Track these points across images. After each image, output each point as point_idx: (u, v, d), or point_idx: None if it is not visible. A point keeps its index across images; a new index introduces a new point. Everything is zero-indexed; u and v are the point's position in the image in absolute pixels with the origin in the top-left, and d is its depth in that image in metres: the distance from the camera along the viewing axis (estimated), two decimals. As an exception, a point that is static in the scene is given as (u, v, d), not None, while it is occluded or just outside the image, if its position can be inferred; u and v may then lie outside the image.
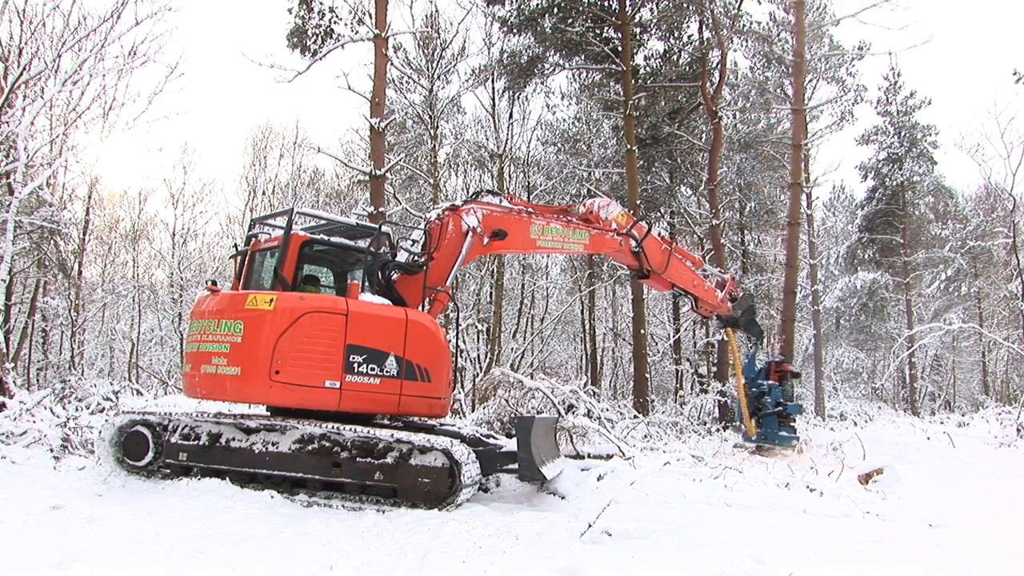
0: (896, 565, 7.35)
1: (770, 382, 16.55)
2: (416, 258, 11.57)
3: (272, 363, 9.64)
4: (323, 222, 11.84)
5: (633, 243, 14.12)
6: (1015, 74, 28.29)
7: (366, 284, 11.07)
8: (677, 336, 34.98)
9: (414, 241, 11.85)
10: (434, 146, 30.35)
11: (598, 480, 11.14)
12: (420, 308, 11.26)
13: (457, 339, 24.18)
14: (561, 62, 29.98)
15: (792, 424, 16.53)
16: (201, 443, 10.18)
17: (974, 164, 79.90)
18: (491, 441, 11.25)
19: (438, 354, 10.88)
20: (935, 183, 47.09)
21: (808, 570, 6.84)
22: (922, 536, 9.03)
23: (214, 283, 11.23)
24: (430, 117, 30.84)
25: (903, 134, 45.33)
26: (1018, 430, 24.44)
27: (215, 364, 10.10)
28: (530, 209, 13.23)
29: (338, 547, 7.38)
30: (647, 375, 26.55)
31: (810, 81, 36.97)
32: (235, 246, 12.35)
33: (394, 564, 6.93)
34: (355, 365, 10.01)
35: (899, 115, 45.59)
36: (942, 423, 29.77)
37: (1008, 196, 45.72)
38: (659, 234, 15.17)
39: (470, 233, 11.67)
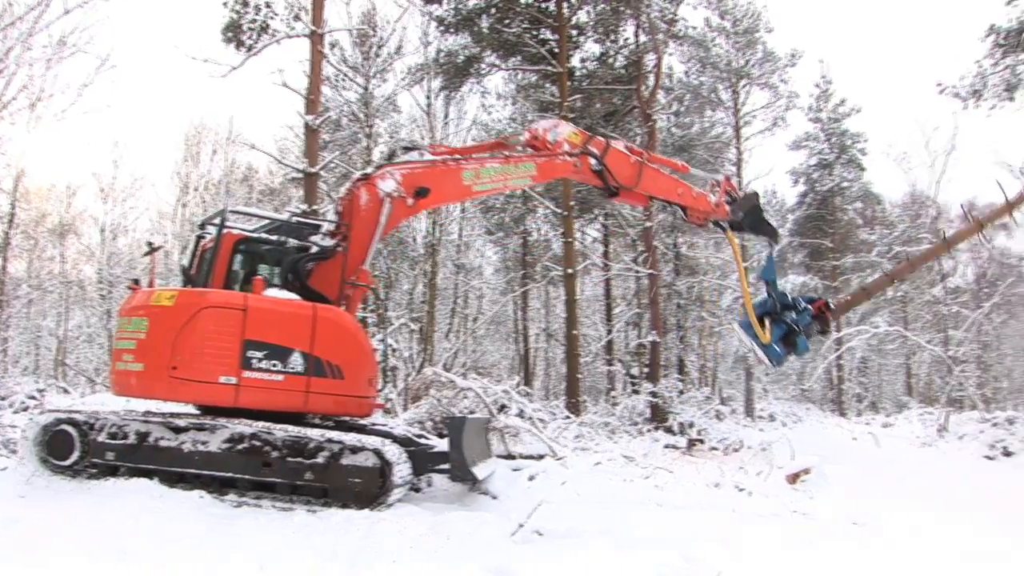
0: (823, 563, 7.48)
1: (803, 303, 14.64)
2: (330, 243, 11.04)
3: (171, 359, 9.52)
4: (268, 221, 11.67)
5: (593, 161, 12.83)
6: (939, 85, 28.94)
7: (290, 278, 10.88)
8: (610, 337, 35.15)
9: (323, 235, 11.18)
10: (369, 144, 30.16)
11: (530, 480, 11.20)
12: (340, 298, 10.82)
13: (384, 338, 24.04)
14: (498, 63, 29.99)
15: (789, 347, 14.50)
16: (129, 442, 9.92)
17: (901, 172, 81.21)
18: (423, 441, 11.24)
19: (352, 351, 10.56)
20: (863, 189, 48.01)
21: (738, 569, 6.93)
22: (848, 534, 9.21)
23: (136, 281, 11.08)
24: (365, 115, 30.65)
25: (833, 141, 46.15)
26: (939, 430, 25.06)
27: (125, 361, 10.04)
28: (457, 155, 12.53)
29: (268, 547, 7.30)
30: (579, 375, 26.65)
31: (744, 86, 37.47)
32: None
33: (324, 564, 6.88)
34: (254, 361, 9.76)
35: (829, 122, 46.42)
36: (868, 424, 30.40)
37: (932, 203, 46.77)
38: (626, 146, 13.83)
39: (387, 200, 10.97)
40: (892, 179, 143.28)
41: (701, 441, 21.85)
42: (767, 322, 13.94)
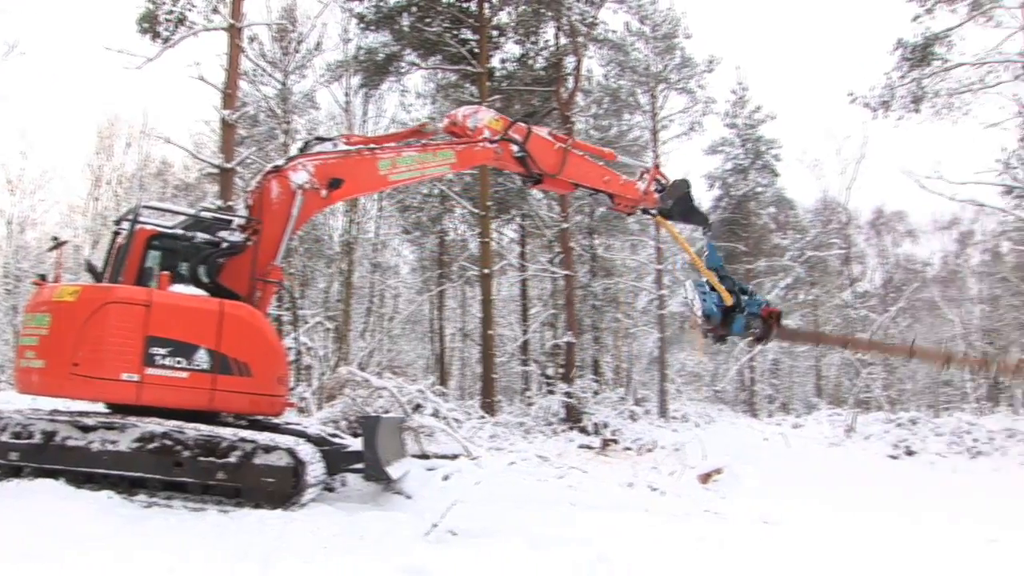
0: (733, 561, 7.61)
1: (759, 298, 14.82)
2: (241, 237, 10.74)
3: (73, 356, 9.34)
4: (184, 217, 11.44)
5: (515, 147, 12.60)
6: (850, 95, 29.62)
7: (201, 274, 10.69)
8: (526, 337, 35.27)
9: (233, 230, 10.87)
10: (286, 141, 29.84)
11: (444, 480, 11.19)
12: (250, 294, 10.56)
13: (299, 336, 23.84)
14: (418, 61, 29.90)
15: (726, 322, 14.28)
16: (34, 442, 9.62)
17: (813, 178, 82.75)
18: (337, 440, 11.17)
19: (261, 348, 10.36)
20: (777, 194, 48.83)
21: (650, 567, 7.01)
22: (758, 533, 9.37)
23: (42, 277, 10.82)
24: (283, 111, 30.35)
25: (748, 146, 46.83)
26: (847, 431, 25.61)
27: (28, 358, 9.85)
28: (373, 145, 12.27)
29: (179, 548, 7.19)
30: (495, 376, 26.73)
31: (662, 91, 37.86)
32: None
33: (236, 565, 6.81)
34: (157, 358, 9.58)
35: (745, 128, 47.08)
36: (779, 424, 30.85)
37: (843, 210, 47.76)
38: (550, 133, 13.63)
39: (299, 192, 10.71)
40: (805, 185, 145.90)
41: (615, 441, 22.06)
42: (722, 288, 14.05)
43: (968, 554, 8.22)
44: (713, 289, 14.02)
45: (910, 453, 21.25)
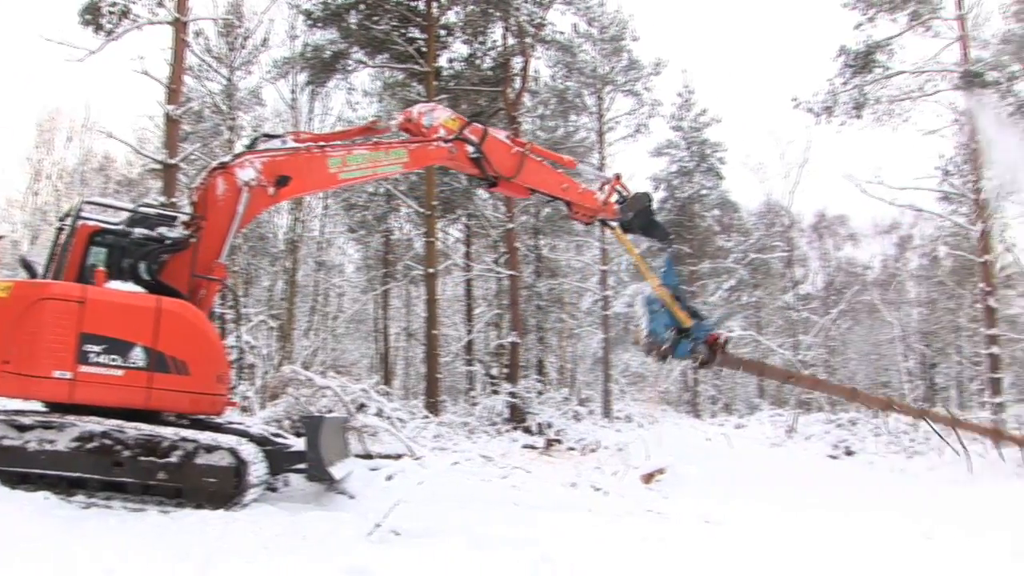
0: (676, 561, 7.68)
1: (707, 322, 14.78)
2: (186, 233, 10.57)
3: (3, 352, 9.18)
4: (127, 213, 11.24)
5: (470, 148, 12.36)
6: (795, 101, 30.04)
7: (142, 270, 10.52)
8: (470, 337, 35.26)
9: (177, 226, 10.74)
10: (231, 137, 29.57)
11: (387, 480, 11.18)
12: (193, 291, 10.39)
13: (242, 335, 23.65)
14: (365, 59, 29.74)
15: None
16: (-34, 442, 9.49)
17: (757, 181, 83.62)
18: (280, 440, 11.10)
19: (200, 346, 10.16)
20: (722, 197, 49.25)
21: (592, 566, 7.06)
22: (700, 532, 9.46)
23: None
24: (228, 107, 30.06)
25: (694, 149, 47.22)
26: (788, 431, 25.93)
27: None
28: (323, 143, 12.04)
29: (118, 550, 7.10)
30: (439, 375, 26.67)
31: (608, 93, 38.06)
32: None
33: (177, 566, 6.75)
34: (91, 355, 9.40)
35: (690, 131, 47.47)
36: (721, 425, 31.19)
37: (786, 213, 48.31)
38: (508, 136, 13.39)
39: (245, 189, 10.48)
40: (749, 188, 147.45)
41: (559, 441, 22.12)
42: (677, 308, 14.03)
43: (905, 551, 8.37)
44: (664, 307, 14.02)
45: (849, 453, 21.58)
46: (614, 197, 14.14)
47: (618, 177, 14.61)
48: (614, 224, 14.35)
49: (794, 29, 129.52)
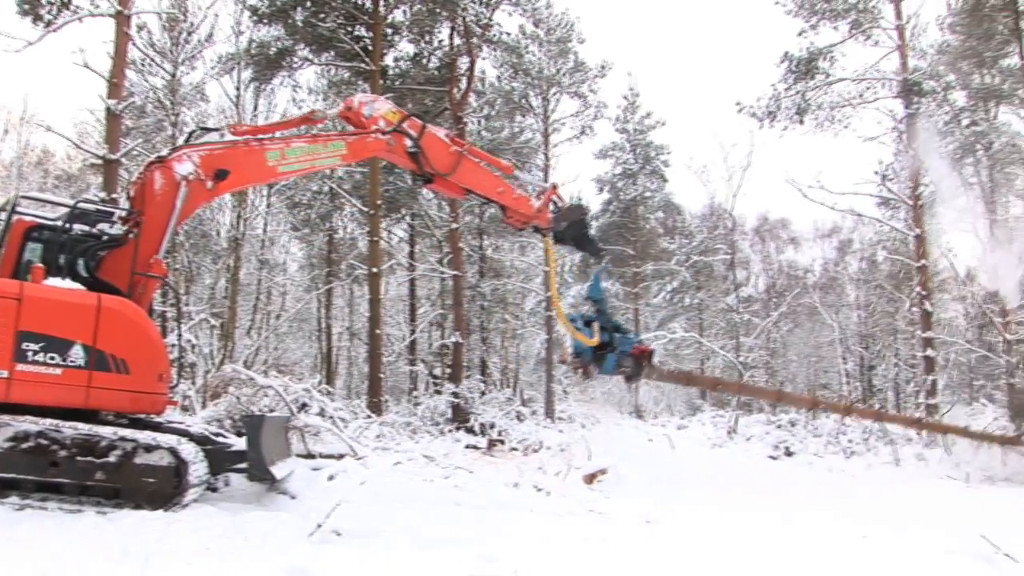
0: (617, 561, 7.73)
1: (632, 336, 15.05)
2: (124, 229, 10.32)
3: None
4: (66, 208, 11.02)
5: (408, 142, 12.30)
6: (738, 105, 30.41)
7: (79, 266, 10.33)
8: (413, 337, 35.23)
9: (114, 222, 10.47)
10: (174, 133, 29.22)
11: (329, 479, 11.13)
12: (131, 289, 10.14)
13: (183, 333, 23.39)
14: (310, 57, 29.58)
15: (597, 359, 14.52)
16: None
17: (700, 184, 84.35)
18: (221, 440, 10.98)
19: (140, 344, 9.94)
20: (665, 200, 49.67)
21: (534, 566, 7.09)
22: (641, 533, 9.53)
23: None
24: (171, 103, 29.72)
25: (638, 151, 47.54)
26: (729, 432, 26.22)
27: None
28: (261, 135, 11.90)
29: (53, 552, 6.97)
30: (382, 375, 26.58)
31: (554, 94, 38.21)
32: None
33: (114, 568, 6.67)
34: (29, 353, 9.19)
35: (635, 133, 47.76)
36: (663, 426, 31.45)
37: (729, 216, 48.79)
38: (447, 135, 13.37)
39: (183, 183, 10.26)
40: (692, 191, 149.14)
41: (501, 442, 22.17)
42: (595, 325, 14.13)
43: (842, 550, 8.50)
44: (588, 324, 14.14)
45: (789, 454, 21.88)
46: (549, 206, 14.11)
47: (555, 187, 14.60)
48: (546, 232, 14.36)
49: (739, 35, 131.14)
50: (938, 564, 7.82)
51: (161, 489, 9.14)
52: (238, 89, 32.79)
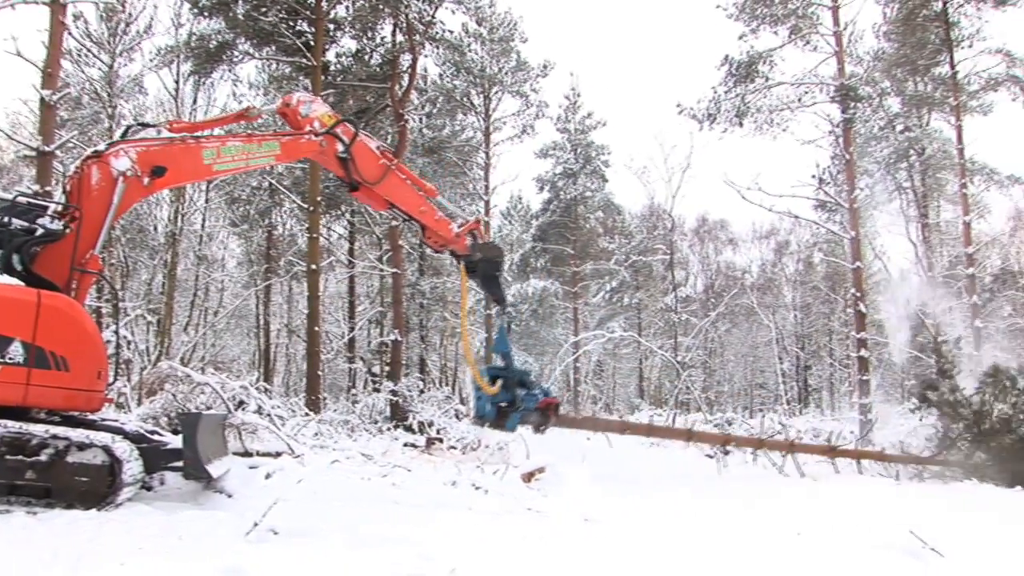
0: (553, 557, 7.76)
1: (538, 389, 15.10)
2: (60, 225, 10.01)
3: None
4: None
5: (340, 147, 12.30)
6: (679, 107, 30.71)
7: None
8: (352, 334, 35.11)
9: (51, 216, 10.11)
10: (112, 126, 28.84)
11: (266, 478, 11.03)
12: (68, 283, 9.90)
13: (118, 329, 23.10)
14: (251, 51, 29.35)
15: (500, 418, 14.73)
16: None
17: (640, 185, 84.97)
18: (156, 437, 10.85)
19: (80, 341, 9.75)
20: (605, 199, 49.96)
21: (472, 564, 7.10)
22: (579, 531, 9.57)
23: None
24: (108, 95, 29.33)
25: (579, 151, 47.76)
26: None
27: None
28: (198, 132, 11.82)
29: (-20, 552, 6.89)
30: (320, 373, 26.48)
31: (496, 93, 38.32)
32: None
33: (44, 569, 6.56)
34: None
35: (576, 133, 47.98)
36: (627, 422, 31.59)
37: (668, 216, 49.21)
38: (378, 147, 13.33)
39: (120, 179, 10.08)
40: (632, 191, 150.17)
41: (440, 440, 22.12)
42: (498, 383, 14.26)
43: (777, 546, 8.60)
44: (493, 381, 14.25)
45: (726, 452, 22.09)
46: (468, 239, 14.23)
47: (479, 221, 14.88)
48: (461, 259, 14.49)
49: (681, 37, 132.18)
50: (869, 559, 7.95)
51: (94, 488, 9.00)
52: (177, 82, 32.52)
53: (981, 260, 39.89)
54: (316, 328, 25.84)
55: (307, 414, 21.95)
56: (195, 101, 34.33)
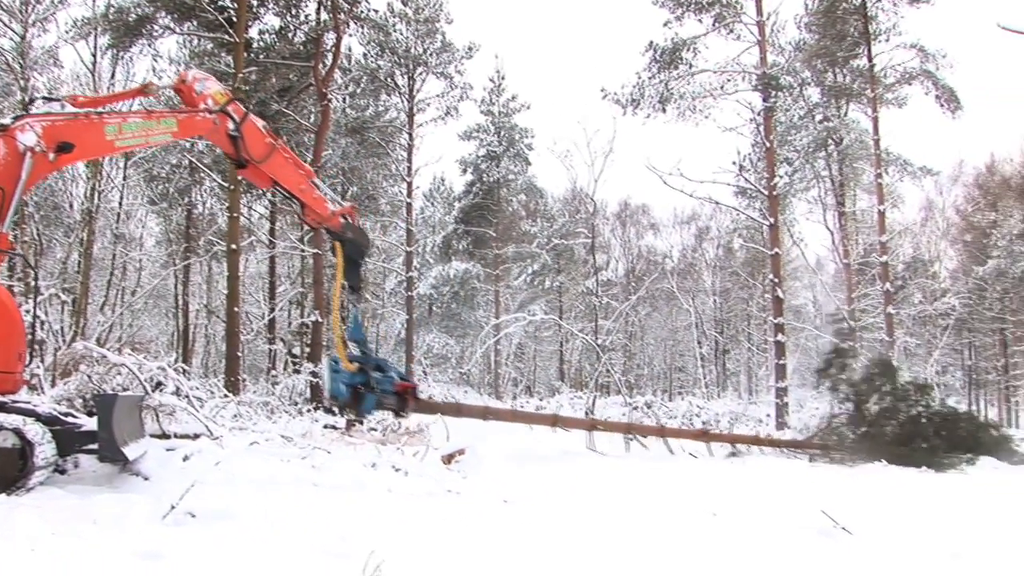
0: (473, 537, 7.81)
1: (394, 374, 15.48)
2: None
3: None
4: None
5: (231, 124, 12.54)
6: (603, 91, 30.89)
7: None
8: (272, 315, 34.81)
9: None
10: (24, 99, 28.14)
11: (184, 460, 10.91)
12: None
13: (33, 309, 22.62)
14: (172, 26, 28.84)
15: (355, 399, 15.01)
16: None
17: (563, 168, 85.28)
18: (70, 420, 10.70)
19: (2, 323, 9.66)
20: (528, 183, 50.07)
21: (391, 546, 7.10)
22: (498, 512, 9.64)
23: None
24: (21, 66, 28.61)
25: (502, 134, 47.75)
26: (587, 413, 26.63)
27: None
28: (100, 108, 11.68)
29: None
30: (240, 354, 26.22)
31: (420, 74, 38.21)
32: None
33: (-48, 554, 6.44)
34: None
35: (500, 116, 48.00)
36: (522, 406, 31.73)
37: (590, 200, 49.49)
38: (265, 127, 13.65)
39: (28, 153, 9.83)
40: (555, 175, 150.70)
41: (360, 422, 22.07)
42: (355, 366, 14.59)
43: (692, 527, 8.75)
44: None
45: (631, 439, 22.36)
46: (342, 217, 14.91)
47: (354, 209, 15.47)
48: (334, 236, 15.10)
49: (606, 22, 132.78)
50: (781, 538, 8.12)
51: (5, 472, 8.84)
52: (94, 56, 31.80)
53: (894, 248, 40.85)
54: (236, 309, 25.58)
55: (226, 395, 21.72)
56: (113, 76, 33.66)
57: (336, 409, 15.26)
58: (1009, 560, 7.63)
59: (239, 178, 25.53)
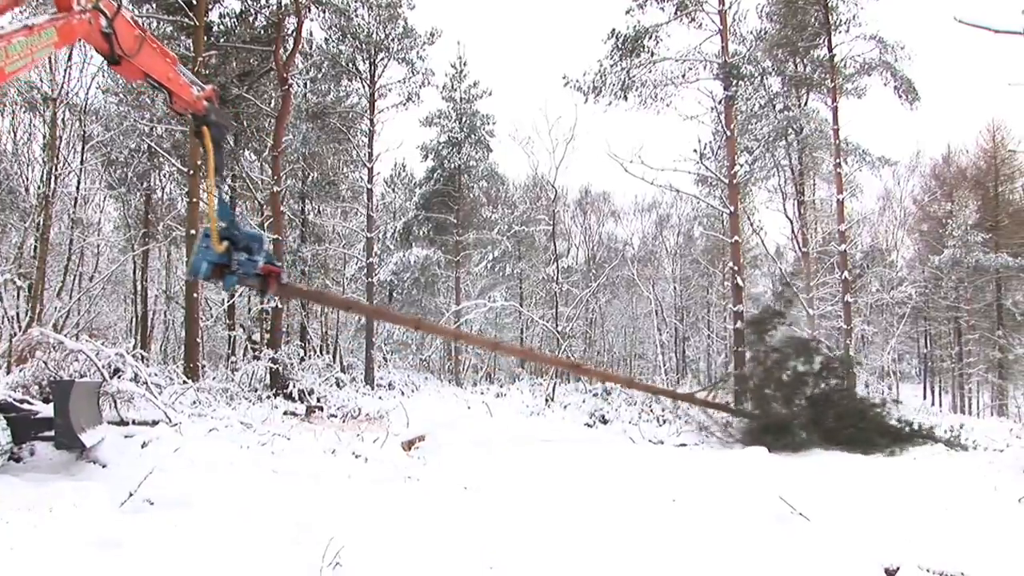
0: (433, 525, 7.85)
1: (259, 256, 15.37)
2: None
3: None
4: None
5: (104, 22, 11.64)
6: (564, 79, 30.92)
7: None
8: (232, 301, 34.60)
9: None
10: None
11: (142, 447, 10.86)
12: None
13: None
14: (129, 7, 28.50)
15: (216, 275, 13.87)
16: None
17: (525, 155, 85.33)
18: (26, 407, 10.63)
19: None
20: (489, 169, 50.00)
21: (350, 532, 7.12)
22: (458, 498, 9.68)
23: None
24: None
25: (464, 120, 47.63)
26: (547, 401, 26.72)
27: None
28: None
29: None
30: (199, 340, 26.04)
31: (382, 59, 38.07)
32: None
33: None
34: None
35: (462, 102, 47.87)
36: (482, 394, 31.78)
37: (551, 187, 49.54)
38: (132, 18, 12.56)
39: None
40: (516, 161, 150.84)
41: (320, 408, 22.02)
42: (225, 244, 14.22)
43: (651, 513, 8.82)
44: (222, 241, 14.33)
45: (604, 421, 22.49)
46: (206, 104, 14.65)
47: (215, 90, 15.16)
48: (200, 120, 14.76)
49: (569, 9, 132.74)
50: (739, 523, 8.21)
51: (-41, 459, 8.79)
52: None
53: (852, 237, 41.27)
54: (195, 295, 25.41)
55: (185, 382, 21.59)
56: (69, 58, 33.21)
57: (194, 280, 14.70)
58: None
59: (198, 163, 25.34)
